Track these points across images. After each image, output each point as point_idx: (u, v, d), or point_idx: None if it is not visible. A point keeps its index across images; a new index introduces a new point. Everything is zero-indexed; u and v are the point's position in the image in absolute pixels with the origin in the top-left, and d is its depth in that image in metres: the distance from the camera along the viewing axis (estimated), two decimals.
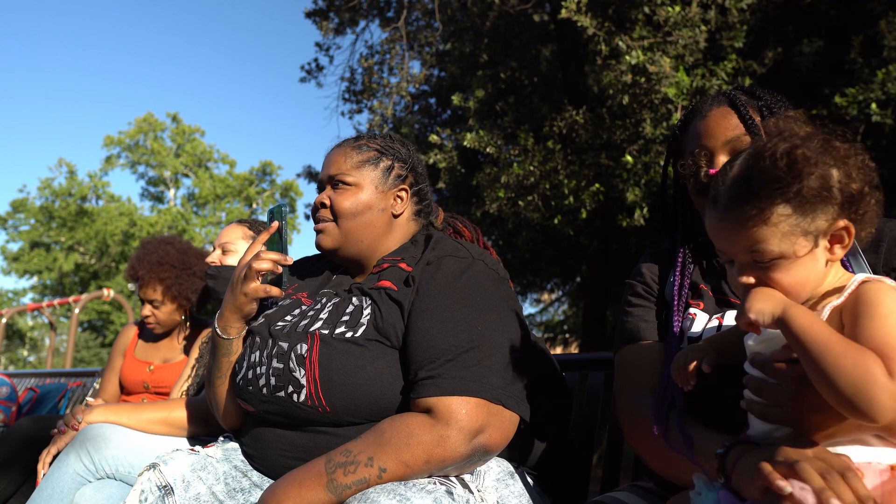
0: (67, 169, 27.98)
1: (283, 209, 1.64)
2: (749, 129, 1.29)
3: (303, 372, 1.34)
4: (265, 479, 1.46)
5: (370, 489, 1.14)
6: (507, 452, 1.38)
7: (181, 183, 29.54)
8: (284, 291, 1.59)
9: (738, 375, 1.06)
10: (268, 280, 1.55)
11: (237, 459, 1.51)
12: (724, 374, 1.09)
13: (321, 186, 1.61)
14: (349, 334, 1.36)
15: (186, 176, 29.28)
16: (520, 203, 6.21)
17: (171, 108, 45.66)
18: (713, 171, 1.27)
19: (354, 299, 1.45)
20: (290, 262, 1.53)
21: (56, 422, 2.37)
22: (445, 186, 8.03)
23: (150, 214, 28.15)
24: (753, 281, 0.97)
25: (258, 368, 1.43)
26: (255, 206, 29.22)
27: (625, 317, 1.41)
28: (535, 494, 1.39)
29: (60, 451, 1.80)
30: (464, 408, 1.23)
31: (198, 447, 1.54)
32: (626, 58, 5.17)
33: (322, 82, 11.33)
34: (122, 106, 52.09)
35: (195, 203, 29.16)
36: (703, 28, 5.33)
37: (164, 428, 1.89)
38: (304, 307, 1.51)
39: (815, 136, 0.94)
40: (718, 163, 1.29)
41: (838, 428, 0.90)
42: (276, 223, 1.59)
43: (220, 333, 1.54)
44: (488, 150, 6.46)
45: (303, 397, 1.34)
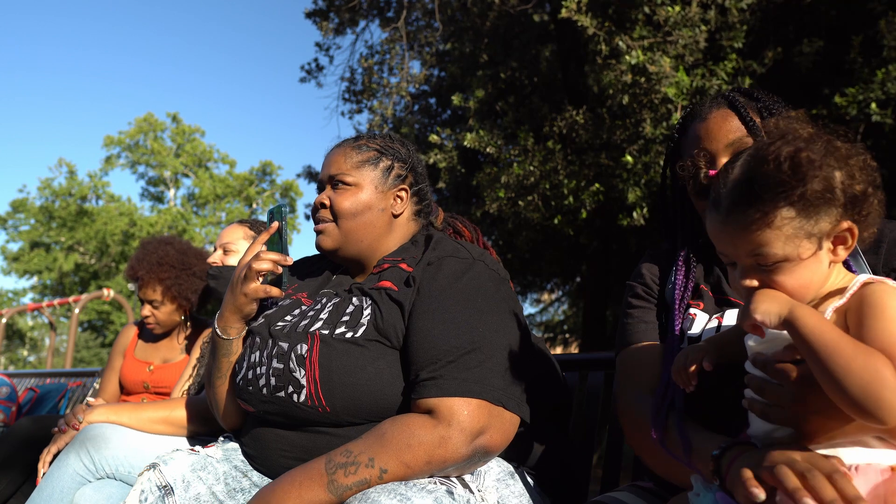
0: (67, 169, 28.00)
1: (283, 209, 1.64)
2: (750, 130, 1.28)
3: (303, 372, 1.34)
4: (265, 479, 1.46)
5: (371, 489, 1.14)
6: (507, 452, 1.38)
7: (181, 183, 29.55)
8: (284, 292, 1.59)
9: (737, 375, 1.05)
10: (268, 280, 1.55)
11: (237, 459, 1.51)
12: (723, 374, 1.09)
13: (321, 186, 1.61)
14: (349, 334, 1.36)
15: (186, 176, 29.28)
16: (520, 203, 6.21)
17: (171, 108, 45.70)
18: (713, 173, 1.27)
19: (355, 299, 1.44)
20: (290, 263, 1.53)
21: (56, 422, 2.37)
22: (445, 186, 8.03)
23: (150, 214, 28.15)
24: (756, 284, 0.96)
25: (258, 368, 1.42)
26: (255, 206, 29.22)
27: (625, 318, 1.41)
28: (536, 494, 1.39)
29: (61, 451, 1.80)
30: (465, 409, 1.23)
31: (198, 447, 1.54)
32: (626, 58, 5.17)
33: (322, 82, 11.34)
34: (122, 106, 52.21)
35: (195, 203, 29.15)
36: (702, 28, 5.32)
37: (165, 427, 1.89)
38: (304, 307, 1.51)
39: (818, 138, 0.93)
40: (719, 165, 1.28)
41: (840, 430, 0.90)
42: (275, 223, 1.59)
43: (219, 334, 1.54)
44: (488, 150, 6.46)
45: (303, 397, 1.33)
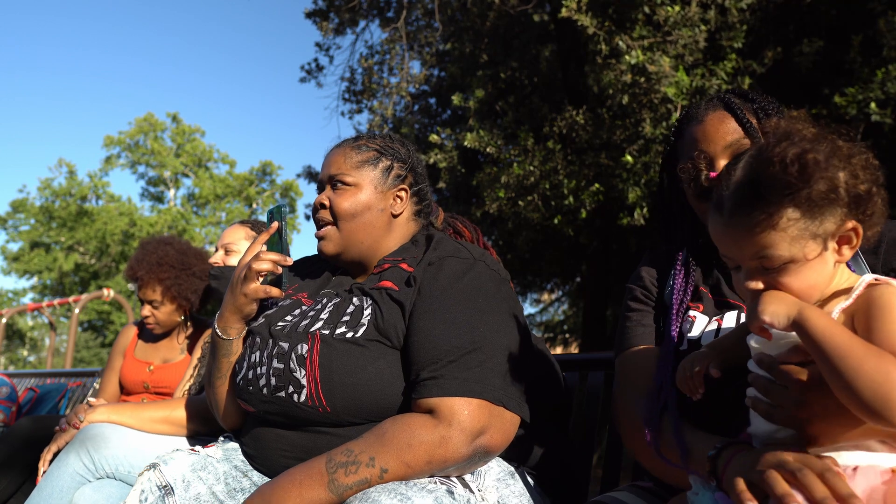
0: (67, 169, 28.00)
1: (283, 209, 1.64)
2: (747, 131, 1.28)
3: (303, 372, 1.34)
4: (265, 479, 1.46)
5: (371, 489, 1.14)
6: (507, 452, 1.38)
7: (181, 183, 29.55)
8: (284, 292, 1.59)
9: (736, 376, 1.05)
10: (268, 280, 1.55)
11: (237, 459, 1.51)
12: (723, 375, 1.09)
13: (321, 187, 1.61)
14: (350, 334, 1.36)
15: (186, 176, 29.28)
16: (520, 203, 6.21)
17: (171, 108, 45.69)
18: (713, 175, 1.26)
19: (355, 299, 1.45)
20: (290, 263, 1.53)
21: (56, 422, 2.37)
22: (445, 186, 8.03)
23: (150, 214, 28.15)
24: (762, 286, 0.95)
25: (258, 369, 1.42)
26: (255, 206, 29.22)
27: (624, 322, 1.41)
28: (536, 494, 1.39)
29: (61, 450, 1.80)
30: (466, 409, 1.23)
31: (198, 447, 1.54)
32: (626, 57, 5.17)
33: (322, 82, 11.33)
34: (122, 106, 52.23)
35: (195, 203, 29.15)
36: (702, 28, 5.32)
37: (165, 427, 1.89)
38: (304, 307, 1.51)
39: (822, 139, 0.92)
40: (719, 167, 1.28)
41: (844, 434, 0.89)
42: (275, 223, 1.59)
43: (220, 334, 1.54)
44: (488, 150, 6.46)
45: (303, 397, 1.34)
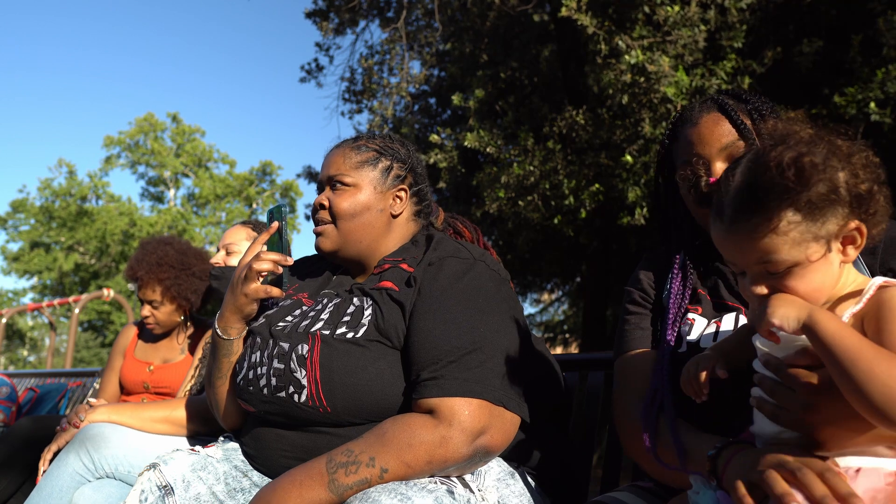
0: (67, 169, 27.99)
1: (283, 209, 1.64)
2: (741, 133, 1.27)
3: (304, 372, 1.34)
4: (265, 479, 1.46)
5: (371, 489, 1.14)
6: (507, 452, 1.38)
7: (181, 183, 29.54)
8: (285, 292, 1.59)
9: (738, 377, 1.05)
10: (268, 280, 1.55)
11: (237, 459, 1.51)
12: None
13: (320, 187, 1.61)
14: (350, 335, 1.36)
15: (186, 176, 29.27)
16: (520, 203, 6.21)
17: (171, 108, 45.68)
18: (713, 180, 1.26)
19: (355, 300, 1.45)
20: (291, 263, 1.53)
21: (56, 422, 2.37)
22: (446, 186, 8.03)
23: (150, 214, 28.14)
24: (767, 291, 0.94)
25: (259, 369, 1.43)
26: (255, 206, 29.21)
27: (623, 325, 1.40)
28: (536, 494, 1.39)
29: (61, 449, 1.80)
30: (466, 409, 1.23)
31: (198, 447, 1.54)
32: (626, 57, 5.17)
33: (322, 82, 11.33)
34: (122, 106, 52.22)
35: (195, 203, 29.15)
36: (702, 28, 5.32)
37: (166, 426, 1.89)
38: (304, 308, 1.51)
39: (819, 140, 0.91)
40: (716, 170, 1.28)
41: (852, 439, 0.88)
42: (276, 223, 1.59)
43: (220, 334, 1.54)
44: (488, 150, 6.46)
45: (304, 398, 1.34)
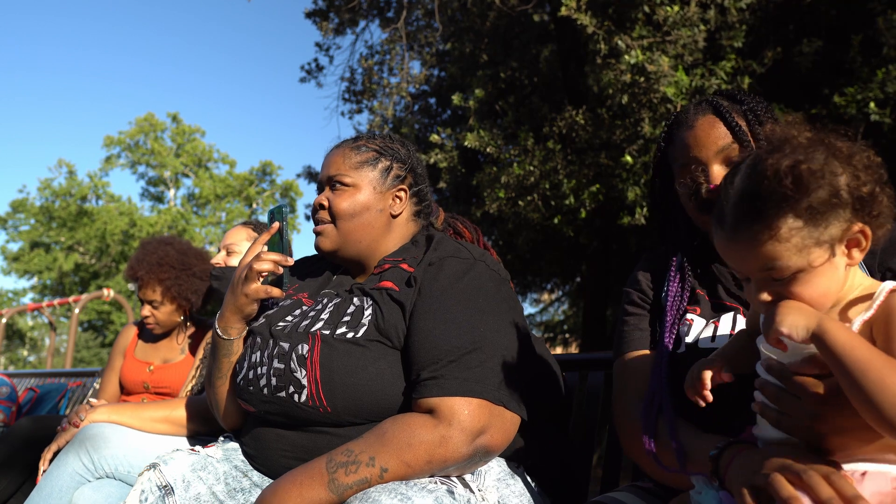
0: (67, 169, 27.99)
1: (284, 210, 1.64)
2: (736, 136, 1.27)
3: (304, 372, 1.34)
4: (265, 479, 1.46)
5: (371, 488, 1.14)
6: (507, 452, 1.38)
7: (181, 183, 29.54)
8: (285, 292, 1.59)
9: (738, 377, 1.05)
10: (268, 281, 1.56)
11: (237, 459, 1.51)
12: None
13: (320, 187, 1.61)
14: (350, 335, 1.36)
15: (186, 176, 29.27)
16: (520, 203, 6.21)
17: (171, 108, 45.67)
18: (713, 186, 1.26)
19: (356, 300, 1.45)
20: (291, 263, 1.53)
21: (56, 422, 2.36)
22: (446, 186, 8.03)
23: (150, 214, 28.14)
24: (771, 298, 0.93)
25: (259, 369, 1.43)
26: (255, 206, 29.22)
27: (622, 326, 1.41)
28: (536, 494, 1.39)
29: (62, 449, 1.80)
30: (466, 408, 1.23)
31: (198, 447, 1.54)
32: (626, 57, 5.16)
33: (322, 82, 11.31)
34: (122, 106, 52.24)
35: (195, 203, 29.15)
36: (702, 28, 5.32)
37: (166, 426, 1.89)
38: (304, 308, 1.51)
39: (817, 144, 0.90)
40: (713, 173, 1.28)
41: (861, 449, 0.87)
42: (276, 224, 1.59)
43: (220, 334, 1.54)
44: (488, 150, 6.46)
45: (304, 398, 1.34)
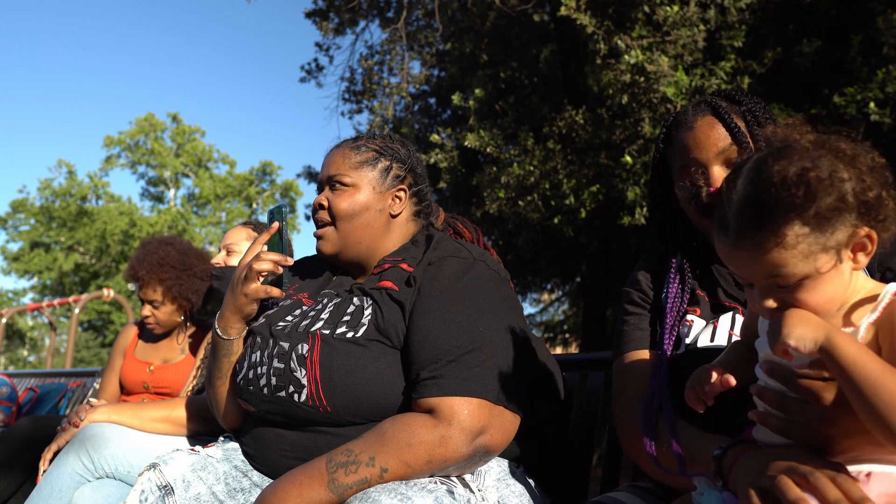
0: (67, 169, 27.98)
1: (284, 210, 1.64)
2: (735, 137, 1.26)
3: (304, 372, 1.34)
4: (265, 479, 1.46)
5: (371, 488, 1.14)
6: (507, 452, 1.38)
7: (181, 183, 29.54)
8: (285, 292, 1.59)
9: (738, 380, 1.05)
10: (268, 281, 1.56)
11: (237, 459, 1.51)
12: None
13: (320, 187, 1.61)
14: (350, 334, 1.36)
15: (186, 176, 29.27)
16: (520, 203, 6.21)
17: (171, 108, 45.67)
18: (713, 190, 1.25)
19: (355, 299, 1.45)
20: (291, 263, 1.53)
21: (56, 422, 2.36)
22: (446, 186, 8.03)
23: (150, 214, 28.15)
24: (776, 305, 0.91)
25: (259, 368, 1.43)
26: (255, 206, 29.22)
27: (622, 326, 1.40)
28: (536, 494, 1.39)
29: (62, 449, 1.80)
30: (466, 408, 1.23)
31: (198, 447, 1.54)
32: (626, 57, 5.16)
33: (322, 82, 11.32)
34: (122, 106, 52.25)
35: (195, 203, 29.15)
36: (701, 28, 5.32)
37: (166, 426, 1.89)
38: (304, 307, 1.51)
39: (821, 147, 0.89)
40: (713, 175, 1.27)
41: (872, 453, 0.87)
42: (276, 224, 1.59)
43: (220, 334, 1.54)
44: (488, 150, 6.46)
45: (304, 397, 1.34)
